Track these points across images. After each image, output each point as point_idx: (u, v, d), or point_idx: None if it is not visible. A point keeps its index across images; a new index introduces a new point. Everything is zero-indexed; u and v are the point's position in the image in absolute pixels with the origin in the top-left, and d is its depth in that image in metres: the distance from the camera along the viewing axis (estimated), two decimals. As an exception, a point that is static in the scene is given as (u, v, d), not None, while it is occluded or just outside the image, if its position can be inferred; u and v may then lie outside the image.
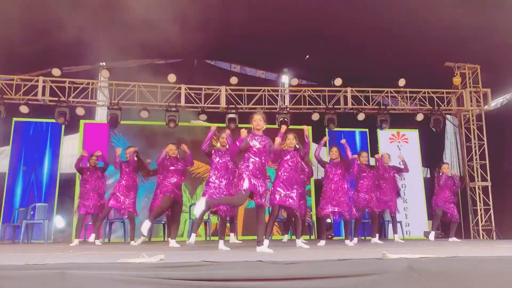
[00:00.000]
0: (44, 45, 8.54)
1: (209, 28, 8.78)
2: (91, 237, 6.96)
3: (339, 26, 8.70)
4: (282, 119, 9.63)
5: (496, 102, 10.69)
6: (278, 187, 5.31)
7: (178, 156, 6.69)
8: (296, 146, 5.67)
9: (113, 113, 9.17)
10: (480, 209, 9.78)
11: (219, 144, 5.98)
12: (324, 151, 7.85)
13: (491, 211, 9.65)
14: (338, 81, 9.86)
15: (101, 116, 10.27)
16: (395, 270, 2.67)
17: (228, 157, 5.80)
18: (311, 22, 8.61)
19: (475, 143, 10.13)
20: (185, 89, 9.67)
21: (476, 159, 10.05)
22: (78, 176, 8.45)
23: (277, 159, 5.06)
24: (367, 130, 10.83)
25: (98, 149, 7.90)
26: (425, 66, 9.52)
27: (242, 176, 4.55)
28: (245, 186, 4.50)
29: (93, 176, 7.53)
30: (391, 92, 10.28)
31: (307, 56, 10.07)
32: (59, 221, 9.44)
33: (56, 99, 9.11)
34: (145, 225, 5.88)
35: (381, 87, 10.26)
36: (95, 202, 7.44)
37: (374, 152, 9.82)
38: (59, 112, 9.00)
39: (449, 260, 2.83)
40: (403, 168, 7.93)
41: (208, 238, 8.83)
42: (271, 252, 4.21)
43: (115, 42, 7.79)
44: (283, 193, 5.27)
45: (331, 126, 9.92)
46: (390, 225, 8.31)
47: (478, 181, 9.91)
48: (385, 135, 10.72)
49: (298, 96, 10.20)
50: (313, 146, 10.69)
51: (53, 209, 9.18)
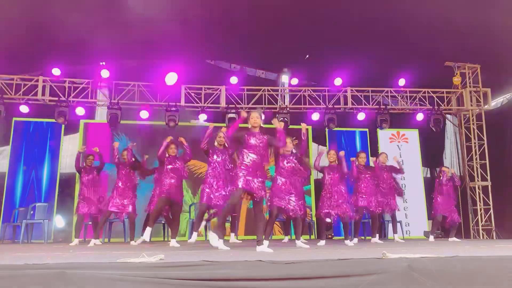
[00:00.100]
0: (44, 45, 8.54)
1: (209, 27, 8.78)
2: (91, 242, 6.89)
3: (339, 26, 8.69)
4: (282, 119, 9.63)
5: (496, 102, 10.68)
6: (276, 192, 5.48)
7: (177, 155, 6.65)
8: (293, 151, 5.78)
9: (113, 113, 9.17)
10: (480, 209, 9.78)
11: (216, 143, 6.01)
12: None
13: (491, 211, 9.65)
14: (338, 81, 9.86)
15: (101, 116, 10.26)
16: (395, 270, 2.67)
17: (226, 156, 5.85)
18: (311, 22, 8.61)
19: (475, 143, 10.12)
20: (185, 89, 9.67)
21: (476, 159, 10.04)
22: (78, 176, 8.43)
23: (284, 141, 4.98)
24: (367, 130, 10.81)
25: (101, 149, 7.87)
26: (425, 66, 9.51)
27: (238, 175, 4.58)
28: (239, 185, 4.53)
29: (90, 176, 7.45)
30: (391, 92, 10.27)
31: (307, 56, 10.06)
32: (59, 221, 9.42)
33: (56, 99, 9.11)
34: (147, 232, 5.95)
35: (381, 87, 10.26)
36: (94, 202, 7.39)
37: (374, 152, 9.82)
38: (59, 112, 8.99)
39: (449, 260, 2.83)
40: (399, 170, 7.90)
41: (209, 238, 8.80)
42: (271, 252, 4.21)
43: (115, 42, 7.80)
44: (281, 198, 5.44)
45: (331, 126, 9.93)
46: (390, 225, 8.30)
47: (478, 181, 9.91)
48: (385, 135, 10.71)
49: (298, 96, 10.20)
50: (313, 146, 10.81)
51: (53, 209, 9.17)
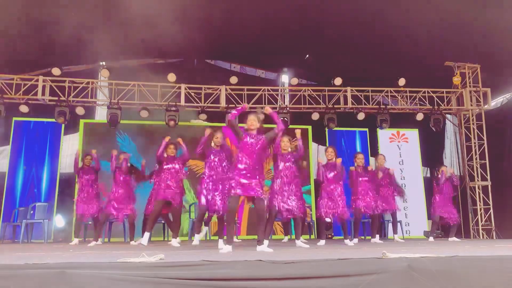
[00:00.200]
0: (44, 45, 8.55)
1: (209, 28, 8.78)
2: (91, 243, 6.88)
3: (339, 26, 8.70)
4: (282, 119, 9.62)
5: (496, 102, 10.68)
6: (275, 191, 5.64)
7: (176, 156, 6.60)
8: (290, 150, 5.81)
9: (113, 113, 9.17)
10: (480, 209, 9.77)
11: (213, 143, 5.94)
12: (322, 151, 7.83)
13: (491, 211, 9.65)
14: (338, 81, 9.86)
15: (101, 116, 10.26)
16: (395, 270, 2.67)
17: (222, 156, 5.81)
18: (311, 22, 8.61)
19: (475, 143, 10.12)
20: (185, 89, 9.67)
21: (476, 159, 10.04)
22: (77, 176, 8.42)
23: (281, 122, 4.96)
24: (367, 130, 10.82)
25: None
26: (425, 66, 9.51)
27: (234, 179, 4.62)
28: (235, 191, 4.55)
29: (88, 176, 7.43)
30: (391, 92, 10.27)
31: (307, 56, 10.06)
32: (59, 221, 9.42)
33: (56, 99, 9.11)
34: (145, 237, 5.98)
35: (381, 87, 10.26)
36: (93, 202, 7.38)
37: (374, 152, 9.82)
38: (59, 112, 9.00)
39: (449, 260, 2.83)
40: (400, 191, 7.90)
41: (208, 238, 8.83)
42: (271, 252, 4.21)
43: (115, 41, 7.79)
44: (281, 197, 5.59)
45: (331, 126, 9.93)
46: (390, 225, 8.30)
47: (478, 181, 9.91)
48: (385, 135, 10.71)
49: (298, 96, 10.20)
50: (313, 146, 10.81)
51: (53, 209, 9.18)
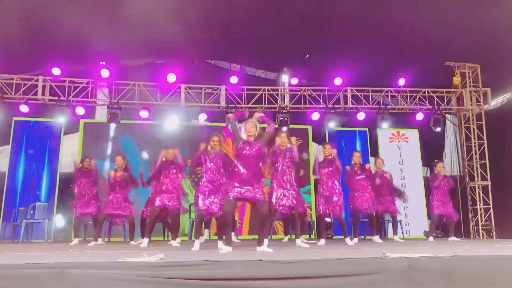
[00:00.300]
0: (44, 44, 8.54)
1: (209, 27, 8.77)
2: (91, 242, 6.88)
3: (339, 26, 8.69)
4: (282, 119, 9.63)
5: (496, 102, 10.67)
6: (274, 191, 5.80)
7: (174, 160, 6.49)
8: (288, 145, 5.81)
9: (113, 112, 9.17)
10: (480, 209, 9.77)
11: (210, 147, 5.78)
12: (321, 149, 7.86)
13: (491, 211, 9.64)
14: (338, 81, 9.85)
15: (101, 116, 10.26)
16: (395, 269, 2.67)
17: (219, 160, 5.71)
18: (311, 22, 8.60)
19: (475, 143, 10.12)
20: (185, 88, 9.67)
21: (476, 159, 10.04)
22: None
23: (271, 121, 5.08)
24: (367, 130, 10.81)
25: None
26: (425, 66, 9.50)
27: (230, 184, 4.67)
28: (230, 195, 4.57)
29: (87, 178, 7.42)
30: (391, 92, 10.27)
31: (307, 56, 10.05)
32: (59, 221, 9.42)
33: (56, 99, 9.11)
34: (145, 243, 5.99)
35: (381, 87, 10.26)
36: (92, 203, 7.38)
37: (374, 152, 9.81)
38: (59, 112, 9.00)
39: (449, 259, 2.83)
40: (400, 193, 8.00)
41: (208, 238, 8.82)
42: (271, 252, 4.21)
43: (115, 41, 7.80)
44: (279, 193, 5.74)
45: (331, 126, 9.91)
46: (390, 225, 8.30)
47: (478, 181, 9.90)
48: (385, 135, 10.71)
49: (298, 96, 10.19)
50: (313, 146, 10.80)
51: (53, 209, 9.18)
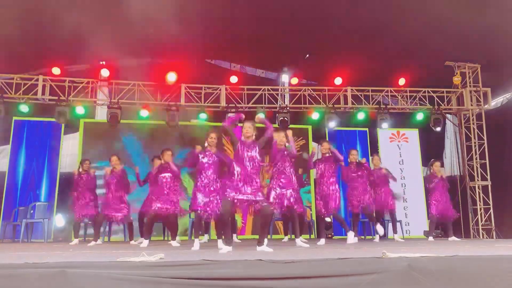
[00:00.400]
0: (44, 44, 8.54)
1: (209, 27, 8.77)
2: (91, 243, 6.87)
3: (339, 26, 8.69)
4: (282, 118, 9.63)
5: (496, 102, 10.67)
6: (272, 189, 5.83)
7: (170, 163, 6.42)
8: (286, 145, 5.82)
9: (113, 112, 9.17)
10: (480, 209, 9.77)
11: (207, 144, 5.69)
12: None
13: (491, 211, 9.65)
14: (338, 80, 9.85)
15: (101, 115, 10.26)
16: (395, 269, 2.67)
17: (216, 158, 5.68)
18: (311, 21, 8.60)
19: (475, 143, 10.12)
20: (185, 88, 9.66)
21: (476, 159, 10.04)
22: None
23: (270, 124, 5.02)
24: (367, 130, 10.81)
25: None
26: (425, 65, 9.50)
27: (228, 186, 4.65)
28: (228, 195, 4.58)
29: (86, 181, 7.41)
30: (391, 91, 10.27)
31: (307, 56, 10.05)
32: (59, 220, 9.42)
33: (56, 98, 9.10)
34: (144, 244, 5.99)
35: (381, 86, 10.25)
36: (90, 204, 7.37)
37: (374, 152, 9.81)
38: (59, 111, 8.99)
39: (449, 259, 2.83)
40: (392, 177, 7.84)
41: (208, 238, 8.82)
42: (271, 251, 4.21)
43: (115, 41, 7.79)
44: (277, 192, 5.79)
45: (331, 126, 9.92)
46: (390, 225, 8.30)
47: (478, 181, 9.90)
48: (385, 135, 10.70)
49: (298, 95, 10.19)
50: (313, 146, 10.79)
51: (53, 208, 9.18)
